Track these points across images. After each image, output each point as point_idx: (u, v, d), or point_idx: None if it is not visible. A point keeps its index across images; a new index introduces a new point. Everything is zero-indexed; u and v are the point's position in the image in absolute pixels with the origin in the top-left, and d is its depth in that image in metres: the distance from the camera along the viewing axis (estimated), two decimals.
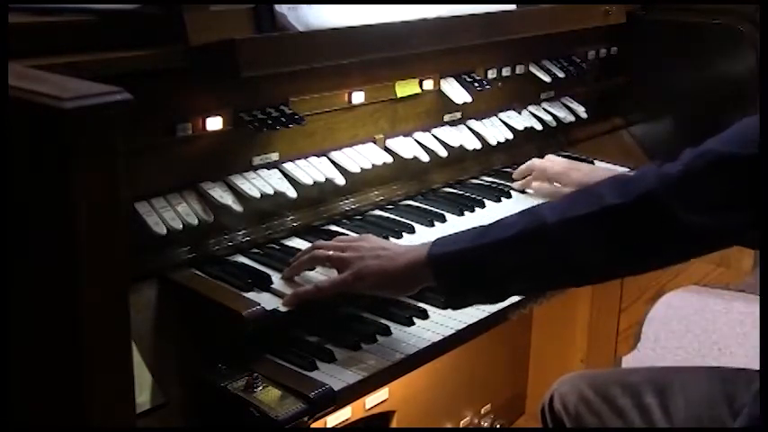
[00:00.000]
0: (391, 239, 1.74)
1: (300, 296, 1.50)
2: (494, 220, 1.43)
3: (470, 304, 1.51)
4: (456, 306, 1.50)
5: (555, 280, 1.45)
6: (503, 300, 1.52)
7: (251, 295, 1.51)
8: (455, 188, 2.12)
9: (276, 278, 1.57)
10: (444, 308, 1.56)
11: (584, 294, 2.60)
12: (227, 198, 1.64)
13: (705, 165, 1.28)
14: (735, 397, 1.67)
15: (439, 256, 1.43)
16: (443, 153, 2.04)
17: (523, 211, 1.41)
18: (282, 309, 1.49)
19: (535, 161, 2.10)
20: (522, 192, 2.11)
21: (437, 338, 1.57)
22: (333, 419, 1.87)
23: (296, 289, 1.52)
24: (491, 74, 2.22)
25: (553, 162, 2.10)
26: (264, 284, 1.54)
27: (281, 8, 1.66)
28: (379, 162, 1.89)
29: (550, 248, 1.34)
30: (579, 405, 1.81)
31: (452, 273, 1.42)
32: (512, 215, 1.41)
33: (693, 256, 1.47)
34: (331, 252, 1.55)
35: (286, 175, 1.75)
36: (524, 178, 2.11)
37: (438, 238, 1.47)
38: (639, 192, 1.29)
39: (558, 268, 1.37)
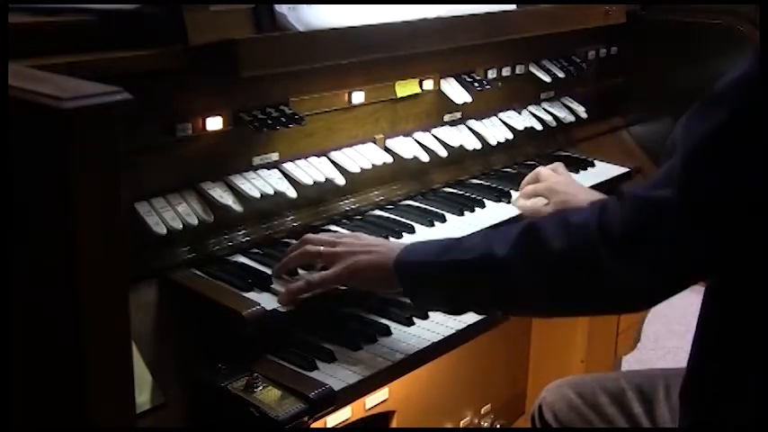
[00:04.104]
0: (391, 239, 1.74)
1: (293, 292, 1.49)
2: (467, 234, 1.47)
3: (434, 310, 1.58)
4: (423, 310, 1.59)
5: (502, 307, 1.49)
6: (460, 314, 1.55)
7: (251, 295, 1.51)
8: (455, 188, 2.12)
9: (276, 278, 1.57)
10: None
11: None
12: (227, 198, 1.64)
13: (645, 219, 1.23)
14: None
15: (402, 264, 1.45)
16: (443, 153, 2.04)
17: (487, 234, 1.42)
18: (282, 309, 1.49)
19: (537, 186, 1.97)
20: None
21: (437, 338, 1.58)
22: (333, 419, 1.87)
23: (287, 286, 1.51)
24: (491, 74, 2.22)
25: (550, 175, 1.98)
26: (264, 284, 1.54)
27: (281, 8, 1.66)
28: (379, 162, 1.89)
29: (496, 281, 1.38)
30: (569, 413, 1.81)
31: (412, 283, 1.46)
32: (477, 236, 1.44)
33: (632, 310, 1.49)
34: (322, 247, 1.54)
35: (286, 175, 1.75)
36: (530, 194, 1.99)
37: (411, 244, 1.50)
38: (579, 245, 1.27)
39: (502, 299, 1.42)
